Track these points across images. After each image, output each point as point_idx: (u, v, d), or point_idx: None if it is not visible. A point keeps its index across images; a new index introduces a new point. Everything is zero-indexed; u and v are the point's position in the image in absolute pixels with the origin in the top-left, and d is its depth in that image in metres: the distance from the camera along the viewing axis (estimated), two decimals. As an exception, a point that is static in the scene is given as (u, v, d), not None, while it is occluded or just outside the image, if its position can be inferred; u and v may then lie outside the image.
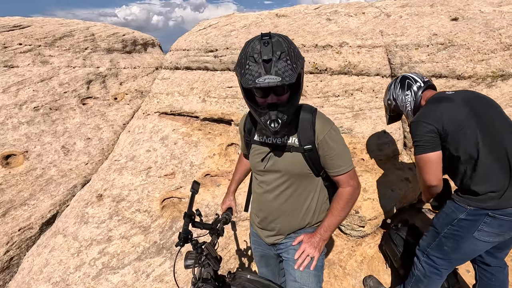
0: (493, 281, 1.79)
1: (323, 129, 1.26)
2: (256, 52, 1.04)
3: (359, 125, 2.73)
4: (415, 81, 1.77)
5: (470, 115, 1.51)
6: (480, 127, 1.49)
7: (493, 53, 2.63)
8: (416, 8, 3.36)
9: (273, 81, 1.01)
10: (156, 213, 2.64)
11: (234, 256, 2.40)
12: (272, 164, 1.32)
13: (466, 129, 1.48)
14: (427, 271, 1.74)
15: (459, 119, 1.51)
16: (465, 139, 1.48)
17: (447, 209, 1.62)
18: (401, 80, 1.84)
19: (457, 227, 1.55)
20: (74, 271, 2.31)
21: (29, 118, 3.48)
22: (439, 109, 1.57)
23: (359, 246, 2.50)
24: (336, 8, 3.78)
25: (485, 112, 1.55)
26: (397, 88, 1.86)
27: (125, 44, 5.08)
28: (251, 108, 1.18)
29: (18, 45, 4.05)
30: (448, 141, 1.51)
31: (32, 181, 3.08)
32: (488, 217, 1.45)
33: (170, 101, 3.64)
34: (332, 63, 2.98)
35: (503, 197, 1.42)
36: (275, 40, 1.05)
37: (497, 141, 1.47)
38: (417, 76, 1.81)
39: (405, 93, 1.79)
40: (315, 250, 1.33)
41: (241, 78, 1.07)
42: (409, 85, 1.78)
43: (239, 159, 1.81)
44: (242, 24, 3.88)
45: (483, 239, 1.51)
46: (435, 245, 1.68)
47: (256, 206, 1.50)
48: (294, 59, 1.06)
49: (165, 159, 3.06)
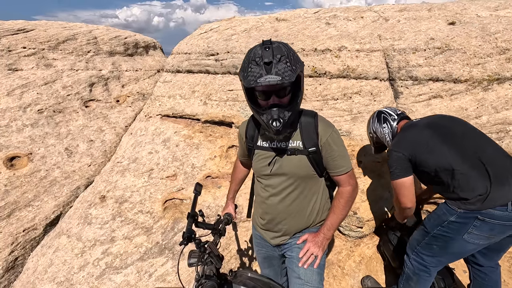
0: (486, 280, 1.84)
1: (325, 132, 1.33)
2: (257, 56, 1.11)
3: (358, 128, 2.78)
4: (390, 115, 2.00)
5: (434, 135, 1.69)
6: (446, 142, 1.64)
7: (489, 57, 2.68)
8: (414, 12, 3.42)
9: (273, 79, 1.07)
10: (158, 214, 2.69)
11: (235, 256, 2.45)
12: (278, 168, 1.37)
13: (432, 147, 1.65)
14: (416, 269, 1.80)
15: (422, 141, 1.69)
16: (434, 156, 1.63)
17: (438, 210, 1.68)
18: (378, 115, 2.07)
19: (446, 228, 1.61)
20: (78, 271, 2.36)
21: (33, 120, 3.54)
22: (405, 137, 1.79)
23: (358, 246, 2.54)
24: (335, 12, 3.83)
25: (449, 128, 1.72)
26: (375, 122, 2.08)
27: (127, 47, 5.14)
28: (253, 109, 1.24)
29: (22, 48, 4.12)
30: (420, 163, 1.67)
31: (36, 183, 3.13)
32: (478, 221, 1.50)
33: (171, 104, 3.70)
34: (331, 67, 3.03)
35: (488, 199, 1.48)
36: (276, 46, 1.12)
37: (468, 150, 1.60)
38: (391, 110, 2.03)
39: (382, 126, 2.01)
40: (319, 249, 1.39)
41: (244, 80, 1.13)
42: (385, 118, 2.01)
43: (234, 168, 1.84)
44: (243, 28, 3.94)
45: (473, 241, 1.56)
46: (424, 243, 1.74)
47: (260, 210, 1.55)
48: (294, 62, 1.13)
49: (167, 161, 3.12)
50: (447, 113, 2.70)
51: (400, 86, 2.94)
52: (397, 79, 2.95)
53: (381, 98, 2.86)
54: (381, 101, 2.85)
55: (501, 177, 1.50)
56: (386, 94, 2.90)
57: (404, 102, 2.88)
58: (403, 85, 2.92)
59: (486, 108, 2.64)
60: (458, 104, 2.70)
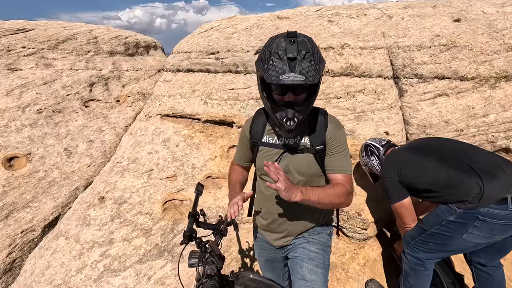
0: (490, 281, 1.82)
1: (334, 130, 1.30)
2: (281, 49, 1.03)
3: (361, 127, 2.71)
4: (375, 147, 2.14)
5: (415, 152, 1.84)
6: (428, 155, 1.75)
7: (496, 54, 2.61)
8: (418, 9, 3.35)
9: (297, 79, 1.01)
10: (157, 216, 2.64)
11: (236, 258, 2.39)
12: (285, 165, 1.32)
13: (417, 164, 1.76)
14: (411, 263, 1.81)
15: (405, 160, 1.82)
16: (420, 172, 1.72)
17: (438, 210, 1.67)
18: (365, 149, 2.22)
19: (445, 228, 1.61)
20: (76, 273, 2.31)
21: (32, 120, 3.50)
22: (390, 162, 1.91)
23: (362, 249, 2.48)
24: (338, 10, 3.77)
25: (430, 143, 1.89)
26: (364, 156, 2.22)
27: (128, 47, 5.11)
28: (267, 104, 1.18)
29: (21, 48, 4.09)
30: (410, 183, 1.75)
31: (35, 184, 3.09)
32: (478, 221, 1.49)
33: (172, 104, 3.65)
34: (334, 64, 2.97)
35: (484, 196, 1.49)
36: (301, 40, 1.06)
37: (450, 158, 1.68)
38: (376, 142, 2.17)
39: (370, 159, 2.15)
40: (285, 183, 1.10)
41: (263, 73, 1.06)
42: (371, 152, 2.15)
43: (230, 173, 1.62)
44: (244, 26, 3.89)
45: (473, 241, 1.56)
46: (419, 239, 1.76)
47: (263, 209, 1.48)
48: (318, 61, 1.07)
49: (166, 161, 3.07)
50: (453, 111, 2.64)
51: (404, 84, 2.88)
52: (402, 77, 2.89)
53: (385, 97, 2.80)
54: (385, 99, 2.79)
55: (489, 172, 1.53)
56: (391, 93, 2.83)
57: (409, 100, 2.81)
58: (408, 83, 2.86)
59: (494, 106, 2.57)
60: (465, 102, 2.63)
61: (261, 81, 1.16)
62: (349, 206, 2.37)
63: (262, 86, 1.17)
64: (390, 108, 2.78)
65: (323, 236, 1.46)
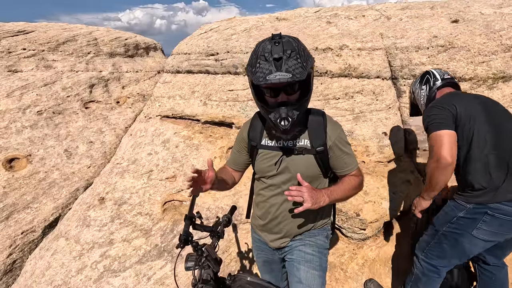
0: (493, 280, 1.81)
1: (334, 132, 1.30)
2: (267, 51, 1.06)
3: (360, 128, 2.73)
4: (434, 77, 1.83)
5: (481, 111, 1.55)
6: (488, 123, 1.52)
7: (494, 54, 2.63)
8: (416, 10, 3.37)
9: (284, 77, 1.02)
10: (157, 216, 2.65)
11: (235, 259, 2.40)
12: (284, 167, 1.33)
13: (475, 122, 1.52)
14: (425, 270, 1.77)
15: (470, 111, 1.55)
16: (472, 131, 1.51)
17: (447, 207, 1.66)
18: (422, 75, 1.92)
19: (456, 225, 1.58)
20: (76, 274, 2.32)
21: (32, 122, 3.51)
22: (452, 99, 1.62)
23: (361, 249, 2.49)
24: (336, 11, 3.79)
25: (495, 112, 1.60)
26: (417, 82, 1.94)
27: (128, 48, 5.12)
28: (261, 107, 1.19)
29: (22, 50, 4.11)
30: (459, 128, 1.54)
31: (35, 185, 3.11)
32: (488, 216, 1.47)
33: (171, 105, 3.67)
34: (332, 65, 2.98)
35: (499, 191, 1.45)
36: (286, 40, 1.07)
37: (502, 139, 1.51)
38: (438, 74, 1.84)
39: (421, 87, 1.87)
40: (311, 199, 1.14)
41: (252, 76, 1.08)
42: (427, 80, 1.85)
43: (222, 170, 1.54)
44: (243, 27, 3.91)
45: (482, 237, 1.52)
46: (434, 243, 1.70)
47: (261, 211, 1.49)
48: (304, 58, 1.08)
49: (166, 162, 3.08)
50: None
51: (403, 85, 2.89)
52: (400, 78, 2.90)
53: (384, 97, 2.81)
54: (384, 100, 2.80)
55: None
56: (389, 93, 2.85)
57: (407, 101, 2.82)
58: (406, 84, 2.87)
59: (491, 106, 2.58)
60: (463, 103, 2.64)
61: (252, 86, 1.17)
62: (347, 207, 2.38)
63: (255, 90, 1.18)
64: (389, 108, 2.79)
65: (320, 238, 1.46)
